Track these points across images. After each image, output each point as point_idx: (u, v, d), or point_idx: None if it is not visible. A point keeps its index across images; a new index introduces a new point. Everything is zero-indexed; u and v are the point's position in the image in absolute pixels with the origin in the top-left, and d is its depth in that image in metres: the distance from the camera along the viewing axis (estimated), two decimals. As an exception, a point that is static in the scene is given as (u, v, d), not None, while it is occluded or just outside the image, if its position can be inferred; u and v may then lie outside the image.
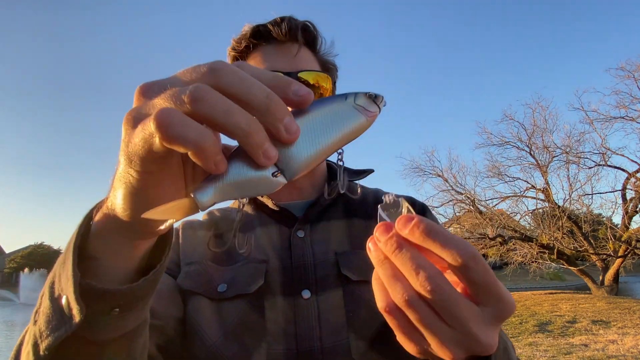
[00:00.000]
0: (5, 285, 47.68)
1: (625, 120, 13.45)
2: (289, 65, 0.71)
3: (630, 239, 12.72)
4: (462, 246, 0.31)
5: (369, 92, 0.34)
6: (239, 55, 0.75)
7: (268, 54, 0.72)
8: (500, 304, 0.33)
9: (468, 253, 0.31)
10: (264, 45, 0.73)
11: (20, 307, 29.64)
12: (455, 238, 0.31)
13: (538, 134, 15.26)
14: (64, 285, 0.34)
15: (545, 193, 14.85)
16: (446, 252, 0.31)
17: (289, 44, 0.73)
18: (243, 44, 0.73)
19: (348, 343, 0.62)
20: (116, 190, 0.31)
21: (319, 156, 0.31)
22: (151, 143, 0.26)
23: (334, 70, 0.81)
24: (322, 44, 0.78)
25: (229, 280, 0.66)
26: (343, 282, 0.66)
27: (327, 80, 0.73)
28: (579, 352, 5.12)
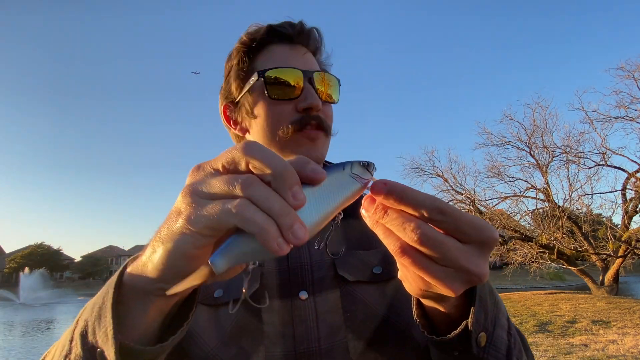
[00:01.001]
0: (5, 285, 47.69)
1: (625, 120, 13.47)
2: (304, 65, 0.73)
3: (630, 239, 12.72)
4: (429, 203, 0.36)
5: (362, 161, 0.40)
6: (249, 51, 0.75)
7: (282, 52, 0.74)
8: (481, 236, 0.37)
9: (435, 209, 0.36)
10: (277, 44, 0.75)
11: (20, 307, 29.66)
12: (422, 197, 0.37)
13: (538, 134, 15.30)
14: (101, 341, 0.39)
15: (545, 193, 14.86)
16: (417, 211, 0.37)
17: (299, 46, 0.75)
18: (256, 40, 0.74)
19: (346, 343, 0.62)
20: (163, 249, 0.36)
21: (323, 220, 0.36)
22: (226, 221, 0.32)
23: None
24: (323, 52, 0.80)
25: (225, 286, 0.65)
26: (340, 283, 0.66)
27: (336, 82, 0.76)
28: (579, 352, 5.12)
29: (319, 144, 0.72)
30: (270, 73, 0.70)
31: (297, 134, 0.70)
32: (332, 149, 0.77)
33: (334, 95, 0.76)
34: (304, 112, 0.70)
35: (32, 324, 16.47)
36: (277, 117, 0.70)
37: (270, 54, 0.74)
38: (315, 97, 0.70)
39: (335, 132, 0.79)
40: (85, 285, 54.46)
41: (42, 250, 55.46)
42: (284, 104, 0.70)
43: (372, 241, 0.72)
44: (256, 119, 0.73)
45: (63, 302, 33.54)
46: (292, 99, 0.70)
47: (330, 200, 0.36)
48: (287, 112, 0.70)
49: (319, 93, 0.71)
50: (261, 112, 0.72)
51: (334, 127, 0.82)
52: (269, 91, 0.70)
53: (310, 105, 0.69)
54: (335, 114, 0.80)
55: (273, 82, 0.70)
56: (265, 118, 0.71)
